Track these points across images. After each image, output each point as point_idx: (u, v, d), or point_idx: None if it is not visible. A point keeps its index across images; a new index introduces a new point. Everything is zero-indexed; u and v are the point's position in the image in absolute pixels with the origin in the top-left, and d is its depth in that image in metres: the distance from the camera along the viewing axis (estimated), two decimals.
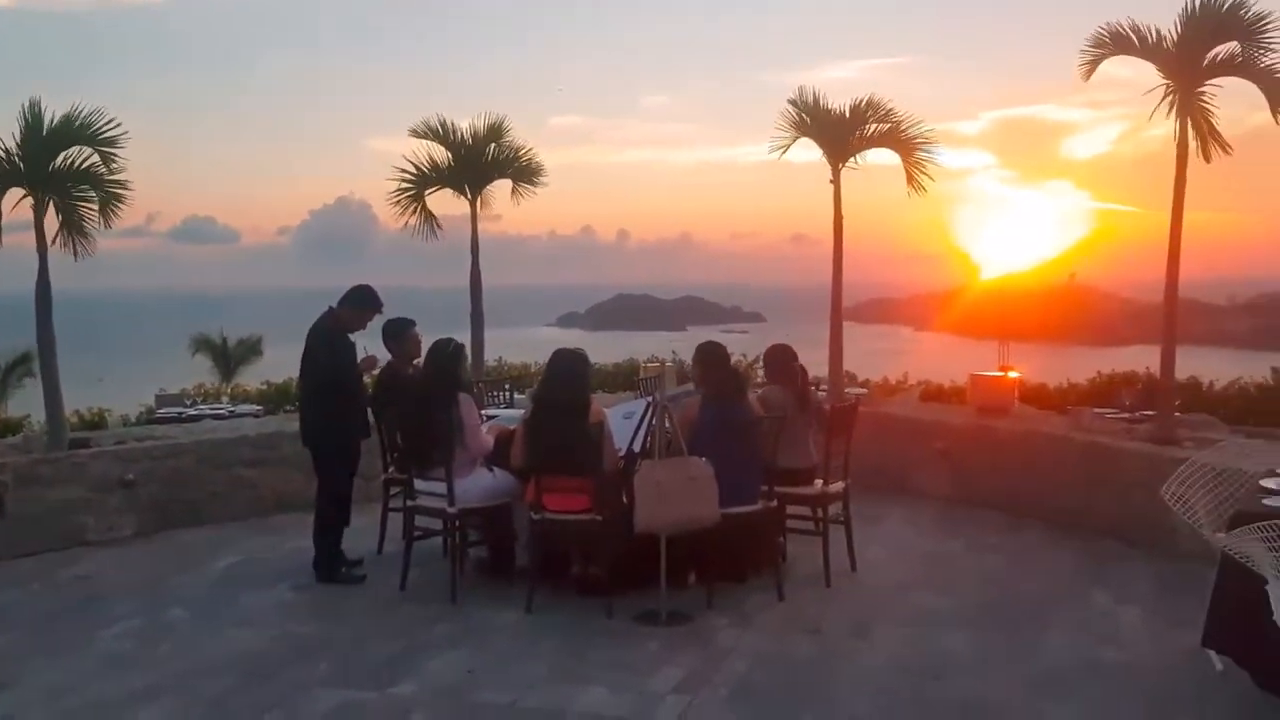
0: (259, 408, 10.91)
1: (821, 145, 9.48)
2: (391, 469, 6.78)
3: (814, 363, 9.70)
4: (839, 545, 6.33)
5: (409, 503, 6.12)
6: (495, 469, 6.13)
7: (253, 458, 8.06)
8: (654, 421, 5.83)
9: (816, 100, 9.48)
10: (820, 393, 8.89)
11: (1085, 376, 11.68)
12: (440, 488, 5.85)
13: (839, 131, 9.39)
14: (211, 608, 5.87)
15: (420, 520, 6.11)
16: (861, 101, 9.42)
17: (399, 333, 6.93)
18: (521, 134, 10.48)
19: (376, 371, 6.78)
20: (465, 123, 10.37)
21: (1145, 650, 5.04)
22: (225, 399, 11.80)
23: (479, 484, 6.03)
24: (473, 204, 10.41)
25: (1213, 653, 4.61)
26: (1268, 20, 7.14)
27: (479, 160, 10.38)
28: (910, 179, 9.45)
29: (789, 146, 9.71)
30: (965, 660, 4.95)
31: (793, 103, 9.50)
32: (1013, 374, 9.11)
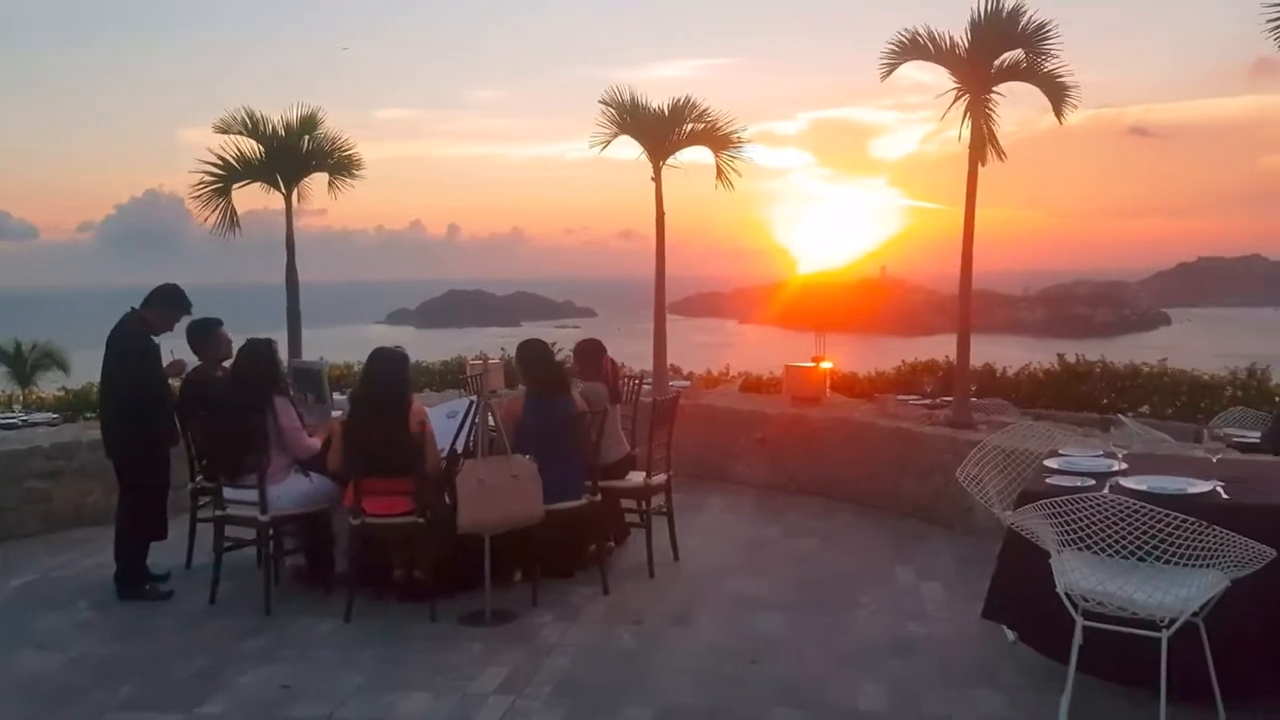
0: (55, 415, 10.26)
1: (642, 143, 9.62)
2: (200, 478, 6.51)
3: (643, 356, 9.88)
4: (663, 536, 6.46)
5: (218, 512, 5.88)
6: (312, 473, 5.97)
7: (47, 469, 7.57)
8: (477, 420, 5.80)
9: (634, 99, 9.61)
10: (645, 386, 9.06)
11: (893, 365, 12.30)
12: (252, 495, 5.65)
13: (658, 130, 9.56)
14: (2, 630, 5.50)
15: (231, 530, 5.88)
16: (680, 100, 9.61)
17: (206, 334, 6.63)
18: (347, 127, 10.28)
19: (184, 375, 6.49)
20: (277, 114, 10.06)
21: (945, 624, 5.36)
22: (18, 407, 11.06)
23: (294, 489, 5.85)
24: (287, 198, 10.11)
25: (1005, 626, 4.94)
26: (1048, 29, 7.66)
27: (292, 153, 10.08)
28: (720, 175, 9.71)
29: (609, 143, 9.81)
30: (782, 641, 5.14)
31: (605, 102, 9.61)
32: (825, 364, 9.48)
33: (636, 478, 6.48)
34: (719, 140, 9.70)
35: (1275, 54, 5.35)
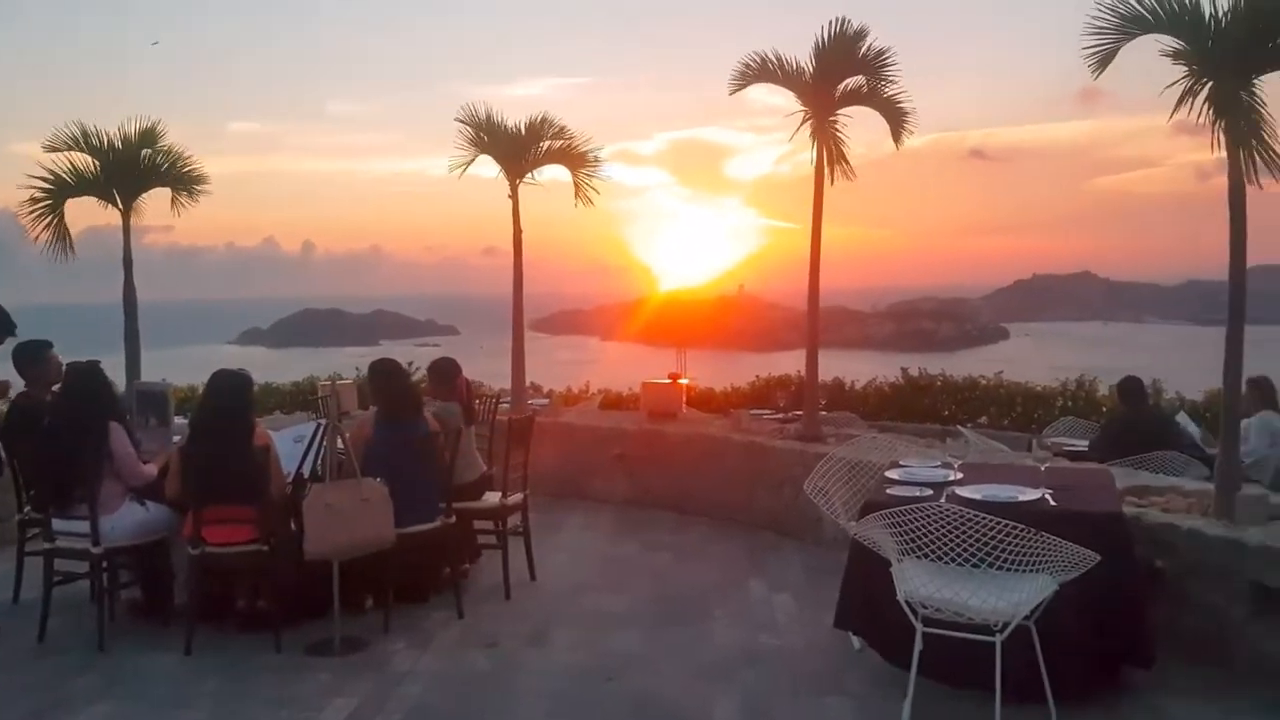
0: None
1: (499, 161, 9.57)
2: (27, 508, 6.13)
3: (506, 374, 9.81)
4: (520, 556, 6.43)
5: (47, 545, 5.55)
6: (149, 502, 5.70)
7: None
8: (325, 443, 5.65)
9: (490, 116, 9.56)
10: (503, 405, 9.00)
11: (749, 381, 12.56)
12: (83, 526, 5.36)
13: (515, 148, 9.52)
14: None
15: (62, 564, 5.56)
16: (536, 119, 9.60)
17: (34, 356, 6.27)
18: (196, 140, 9.91)
19: (9, 399, 6.13)
20: (114, 127, 9.61)
21: (796, 634, 5.48)
22: None
23: (129, 519, 5.58)
24: (125, 214, 9.67)
25: (853, 634, 5.08)
26: (887, 56, 7.95)
27: (130, 167, 9.64)
28: (578, 192, 9.74)
29: (467, 165, 9.73)
30: (638, 657, 5.16)
31: (461, 120, 9.53)
32: (682, 380, 9.61)
33: (492, 498, 6.42)
34: (576, 159, 9.73)
35: (1099, 82, 5.71)
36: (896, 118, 8.14)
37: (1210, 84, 5.03)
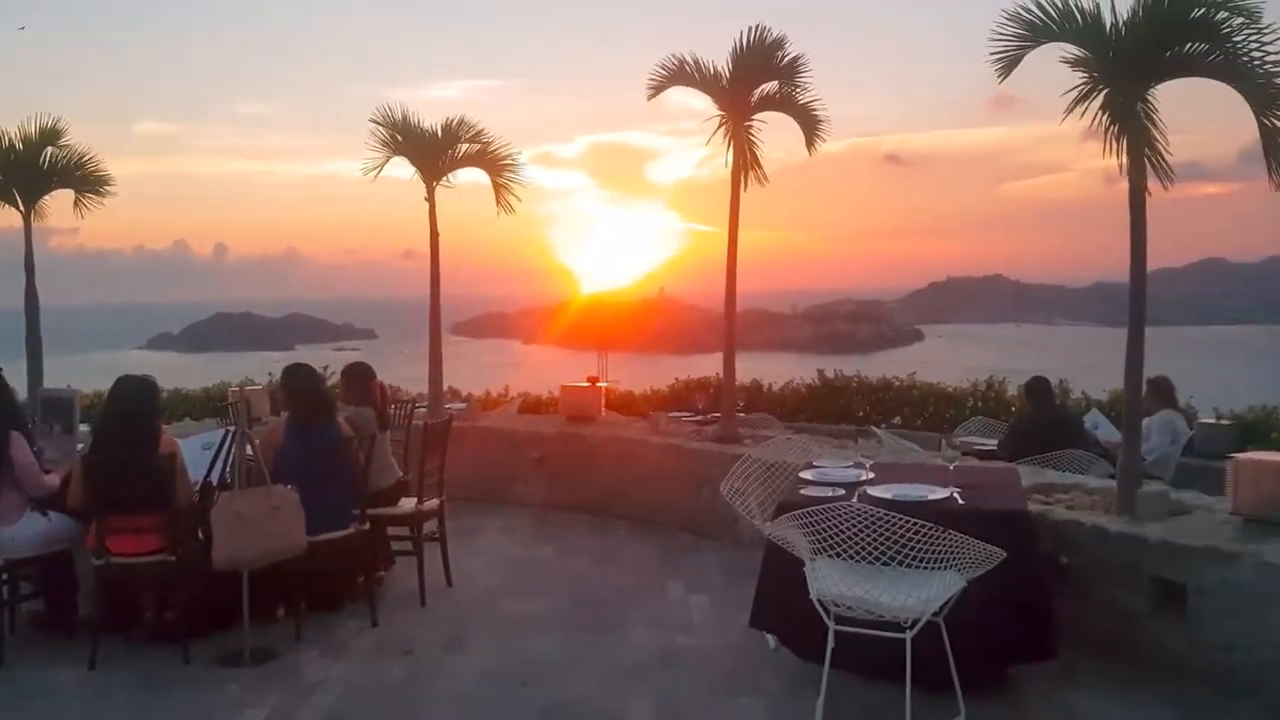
0: None
1: (414, 164, 9.46)
2: None
3: (425, 378, 9.69)
4: (436, 562, 6.36)
5: None
6: (50, 512, 5.52)
7: None
8: (234, 450, 5.53)
9: (406, 118, 9.45)
10: (421, 410, 8.91)
11: (668, 383, 12.62)
12: None
13: (430, 150, 9.42)
14: None
15: None
16: (452, 121, 9.51)
17: None
18: (101, 140, 9.60)
19: None
20: (14, 126, 9.31)
21: (712, 635, 5.51)
22: None
23: (30, 530, 5.40)
24: (26, 216, 9.37)
25: (766, 632, 5.13)
26: (801, 62, 8.06)
27: (30, 168, 9.35)
28: (499, 198, 9.66)
29: (381, 167, 9.60)
30: (554, 662, 5.15)
31: (376, 121, 9.42)
32: (601, 383, 9.61)
33: (408, 504, 6.35)
34: (493, 162, 9.65)
35: (1010, 89, 5.87)
36: (811, 124, 8.26)
37: (1106, 91, 5.19)
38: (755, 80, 8.12)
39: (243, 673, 5.01)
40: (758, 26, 7.96)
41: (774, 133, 8.34)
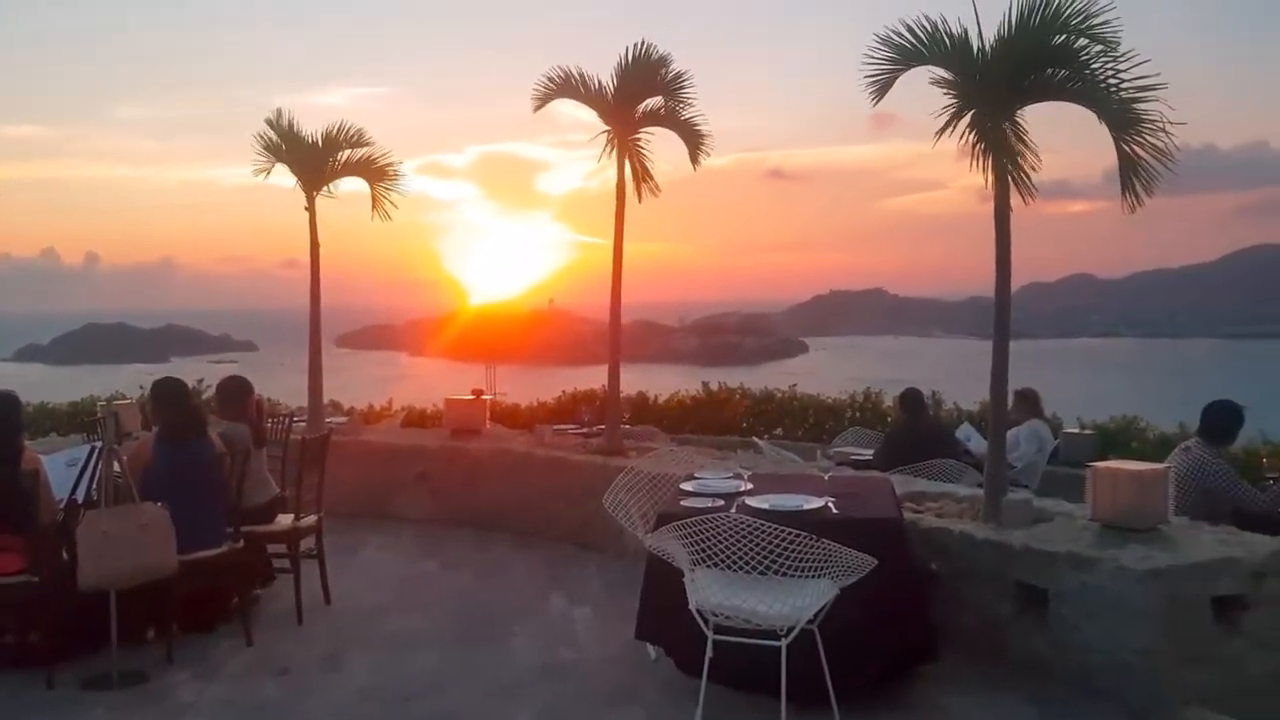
0: None
1: (295, 171, 9.26)
2: None
3: (305, 392, 9.46)
4: (314, 580, 6.23)
5: None
6: None
7: None
8: (100, 466, 5.33)
9: (290, 125, 9.26)
10: (300, 424, 8.71)
11: (556, 395, 12.62)
12: None
13: (312, 159, 9.23)
14: None
15: None
16: (334, 129, 9.34)
17: None
18: None
19: None
20: None
21: (595, 647, 5.53)
22: None
23: None
24: None
25: (648, 644, 5.17)
26: (684, 79, 8.17)
27: None
28: (376, 205, 9.50)
29: (269, 171, 9.38)
30: (435, 678, 5.09)
31: (269, 123, 9.20)
32: (485, 396, 9.55)
33: (285, 520, 6.20)
34: (376, 171, 9.50)
35: (889, 108, 6.06)
36: (694, 139, 8.37)
37: (973, 112, 5.41)
38: (640, 96, 8.21)
39: (111, 696, 4.83)
40: (643, 43, 8.05)
41: (661, 146, 8.46)
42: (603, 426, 8.56)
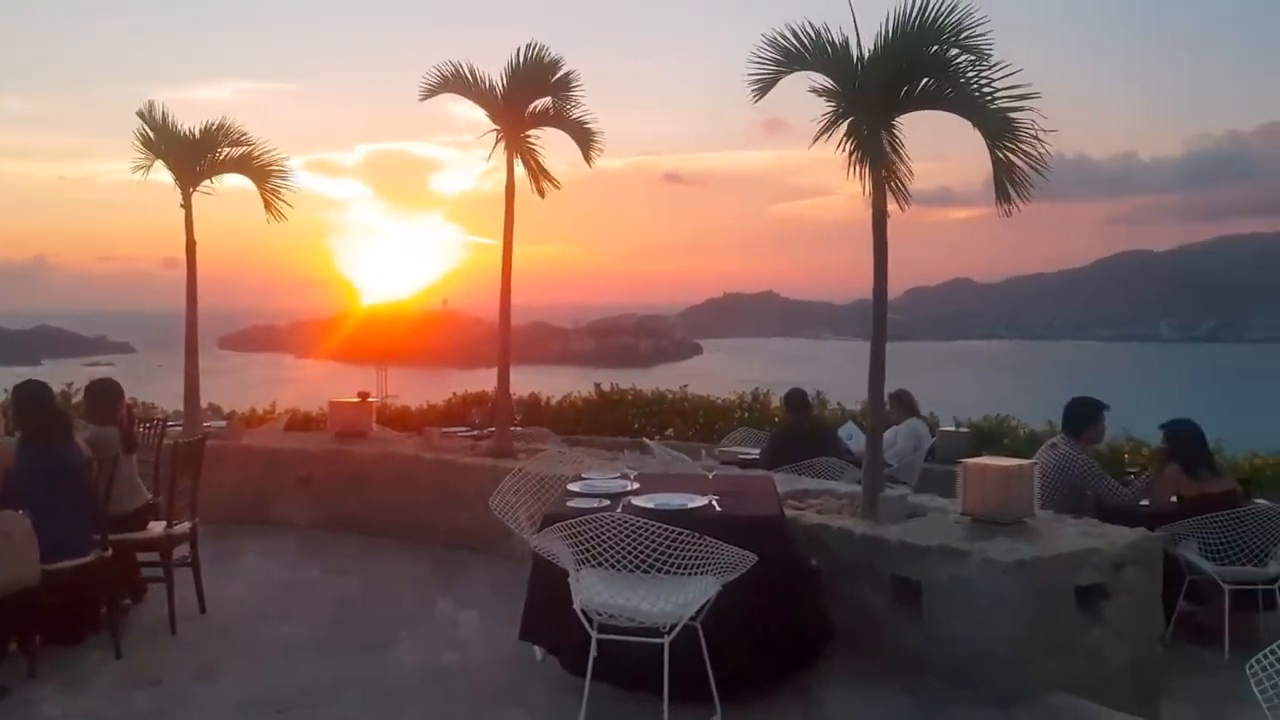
0: None
1: (171, 167, 8.98)
2: None
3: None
4: (189, 588, 6.04)
5: None
6: None
7: None
8: None
9: (165, 119, 8.96)
10: (175, 427, 8.44)
11: (447, 398, 12.50)
12: None
13: (189, 154, 8.96)
14: None
15: None
16: (213, 124, 9.08)
17: None
18: None
19: None
20: None
21: (480, 650, 5.49)
22: None
23: None
24: None
25: (534, 645, 5.16)
26: (573, 79, 8.18)
27: None
28: (268, 206, 9.28)
29: (149, 168, 9.05)
30: (316, 687, 4.98)
31: (141, 115, 8.90)
32: (373, 399, 9.41)
33: (158, 527, 6.00)
34: (259, 169, 9.26)
35: (782, 114, 6.19)
36: (585, 139, 8.39)
37: (851, 120, 5.54)
38: (530, 95, 8.19)
39: None
40: (534, 44, 8.03)
41: (556, 149, 8.44)
42: (493, 429, 8.51)
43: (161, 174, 8.98)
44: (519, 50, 8.01)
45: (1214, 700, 5.19)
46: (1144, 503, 6.60)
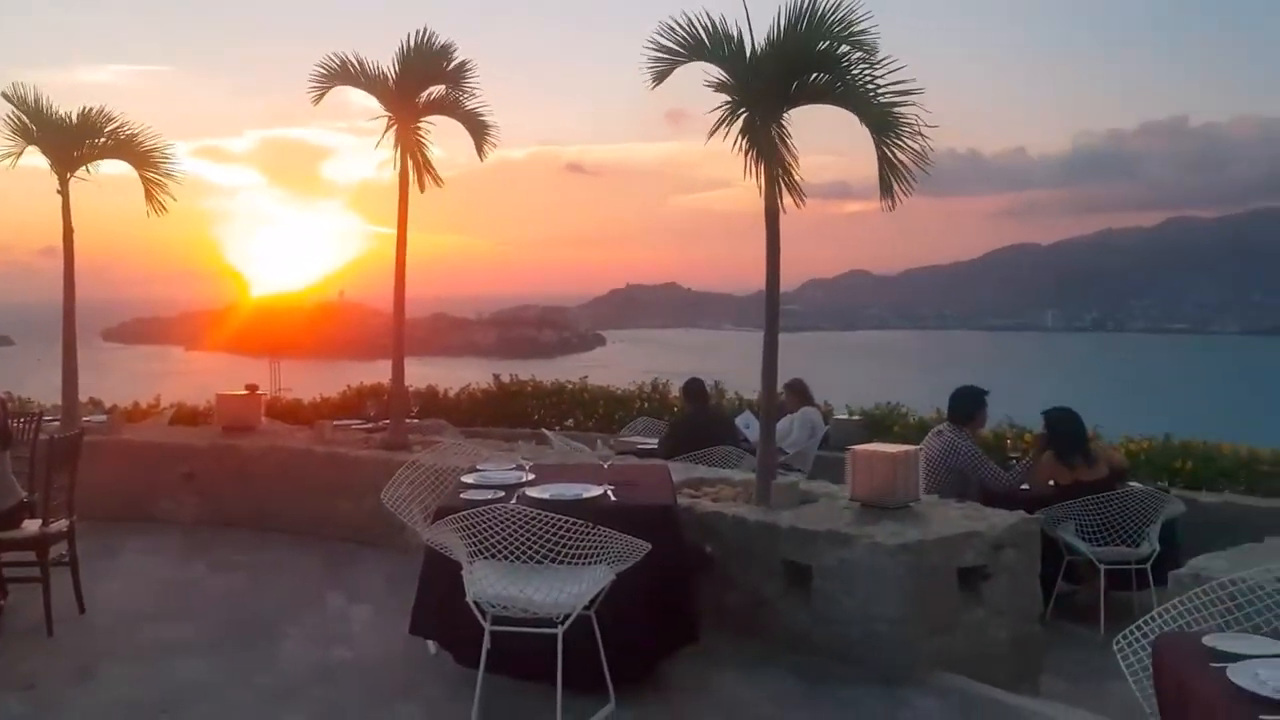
0: None
1: (47, 153, 8.59)
2: None
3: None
4: (66, 588, 5.82)
5: None
6: None
7: None
8: None
9: (38, 103, 8.57)
10: (53, 422, 8.12)
11: (342, 390, 12.28)
12: None
13: (66, 140, 8.59)
14: None
15: None
16: (92, 109, 8.72)
17: None
18: None
19: None
20: None
21: (373, 645, 5.41)
22: None
23: None
24: None
25: (429, 640, 5.10)
26: (469, 68, 8.08)
27: None
28: (149, 196, 8.92)
29: (18, 156, 8.65)
30: (201, 686, 4.85)
31: (8, 96, 8.49)
32: (262, 392, 9.18)
33: (32, 526, 5.76)
34: (142, 155, 8.91)
35: (684, 106, 6.22)
36: (479, 129, 8.31)
37: (745, 114, 5.60)
38: (422, 83, 8.07)
39: None
40: (425, 30, 7.93)
41: (456, 139, 8.32)
42: (388, 421, 8.39)
43: (36, 159, 8.60)
44: (409, 36, 7.89)
45: (1089, 675, 5.40)
46: (1025, 487, 6.84)
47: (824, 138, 5.74)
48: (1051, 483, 6.74)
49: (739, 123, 5.60)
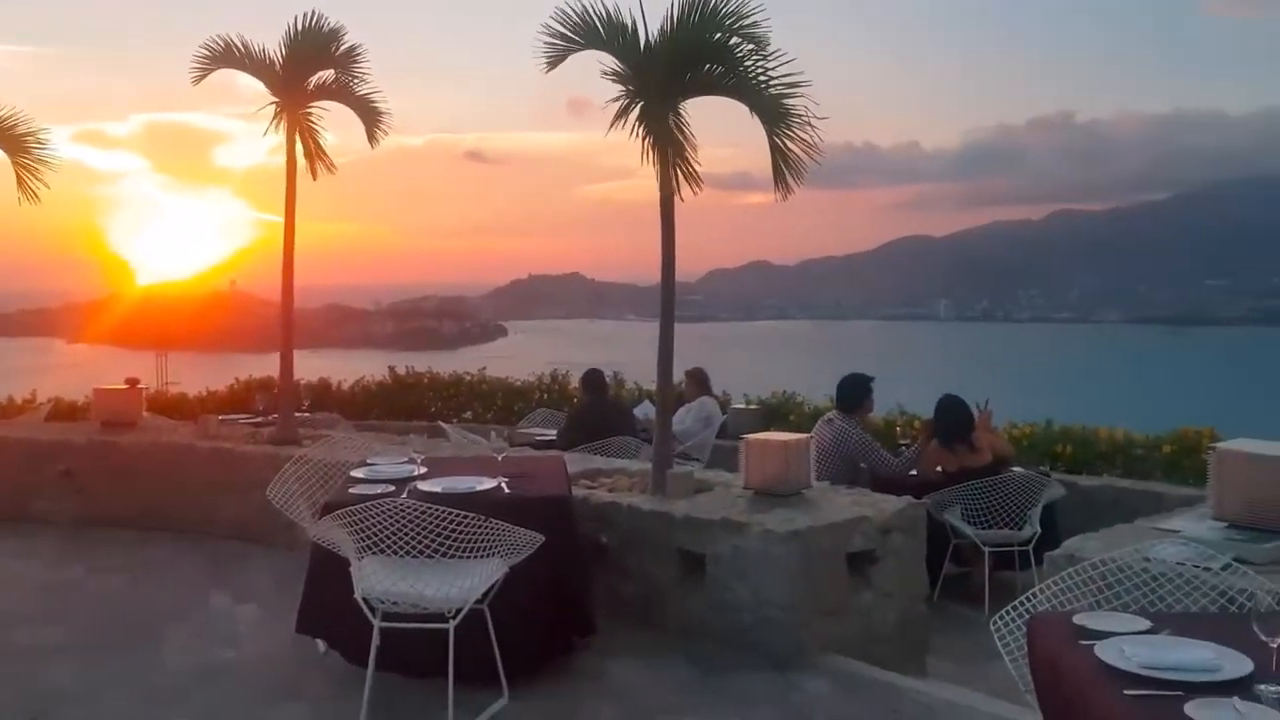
0: None
1: None
2: None
3: None
4: None
5: None
6: None
7: None
8: None
9: None
10: None
11: (230, 384, 11.93)
12: None
13: None
14: None
15: None
16: None
17: None
18: None
19: None
20: None
21: (259, 645, 5.27)
22: None
23: None
24: None
25: (317, 638, 4.99)
26: (358, 53, 7.90)
27: None
28: (20, 184, 8.49)
29: None
30: (74, 693, 4.67)
31: None
32: (143, 386, 8.86)
33: None
34: (13, 140, 8.50)
35: (587, 95, 6.18)
36: (370, 115, 8.14)
37: (642, 104, 5.60)
38: (311, 68, 7.89)
39: None
40: (313, 13, 7.74)
41: (350, 125, 8.12)
42: (277, 415, 8.18)
43: None
44: (296, 19, 7.69)
45: (974, 656, 5.54)
46: (913, 472, 7.00)
47: (728, 129, 5.79)
48: (939, 469, 6.91)
49: (635, 112, 5.60)
